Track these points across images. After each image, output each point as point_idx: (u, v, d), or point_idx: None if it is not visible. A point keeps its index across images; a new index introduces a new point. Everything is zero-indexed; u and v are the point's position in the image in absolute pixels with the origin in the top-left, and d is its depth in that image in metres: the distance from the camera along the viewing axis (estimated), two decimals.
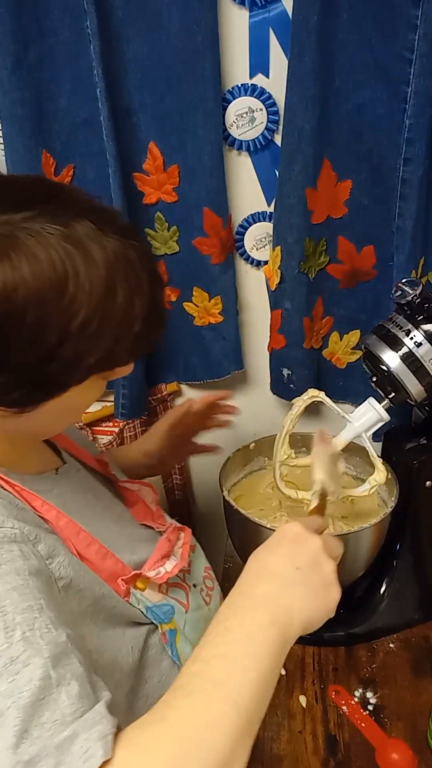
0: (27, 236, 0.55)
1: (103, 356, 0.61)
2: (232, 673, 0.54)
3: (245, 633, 0.57)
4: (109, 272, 0.58)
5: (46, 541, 0.64)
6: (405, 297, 0.88)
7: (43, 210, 0.57)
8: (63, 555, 0.65)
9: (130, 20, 0.98)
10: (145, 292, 0.62)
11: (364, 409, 0.94)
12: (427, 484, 1.00)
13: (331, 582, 0.64)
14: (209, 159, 1.06)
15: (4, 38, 0.95)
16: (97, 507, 0.81)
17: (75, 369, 0.60)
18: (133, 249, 0.61)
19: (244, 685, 0.53)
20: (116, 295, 0.59)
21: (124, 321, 0.61)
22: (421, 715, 0.92)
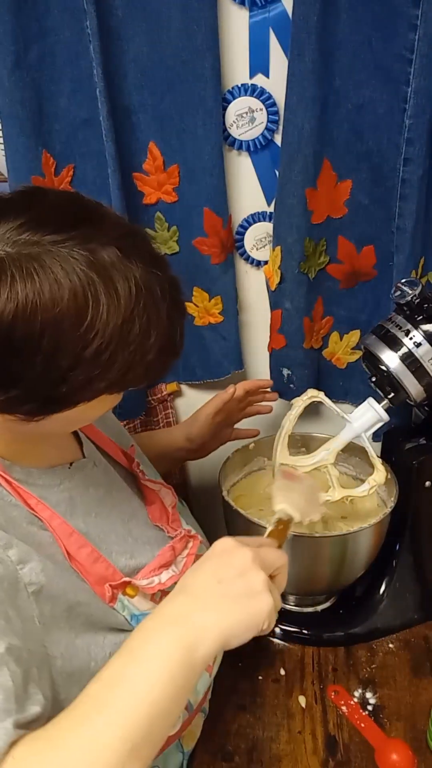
0: (53, 260, 0.56)
1: (114, 382, 0.61)
2: (121, 697, 0.52)
3: (144, 655, 0.55)
4: (129, 303, 0.59)
5: (18, 547, 0.63)
6: (404, 297, 0.88)
7: (74, 234, 0.57)
8: (36, 561, 0.64)
9: (130, 20, 0.98)
10: (164, 324, 0.62)
11: (363, 410, 0.94)
12: (426, 485, 1.00)
13: (258, 591, 0.58)
14: (209, 159, 1.05)
15: (4, 38, 0.95)
16: (106, 504, 0.80)
17: (85, 391, 0.61)
18: (158, 280, 0.62)
19: (132, 710, 0.51)
20: (133, 326, 0.59)
21: (138, 351, 0.61)
22: (420, 715, 0.92)
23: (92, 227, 0.59)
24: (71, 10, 0.96)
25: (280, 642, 1.04)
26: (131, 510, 0.84)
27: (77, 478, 0.78)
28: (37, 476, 0.73)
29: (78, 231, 0.58)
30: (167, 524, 0.85)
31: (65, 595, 0.67)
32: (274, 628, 1.05)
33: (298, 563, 0.98)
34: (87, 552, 0.72)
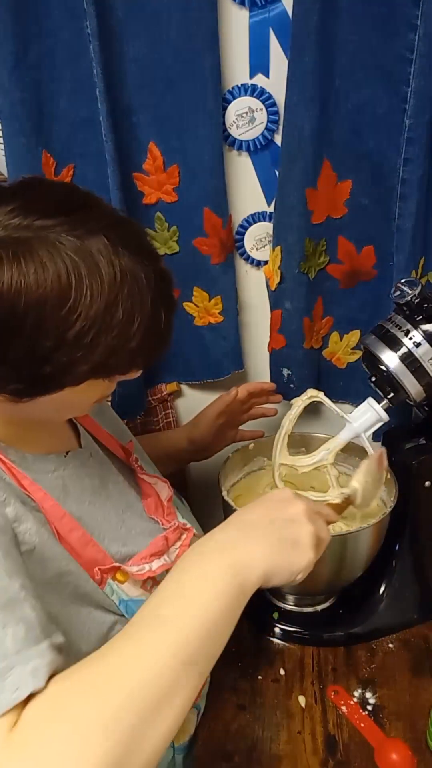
0: (40, 244, 0.58)
1: (97, 365, 0.63)
2: (178, 612, 0.54)
3: (199, 572, 0.57)
4: (112, 289, 0.60)
5: (15, 506, 0.65)
6: (404, 297, 0.88)
7: (63, 221, 0.59)
8: (31, 523, 0.66)
9: (130, 20, 0.98)
10: (147, 312, 0.63)
11: (363, 410, 0.94)
12: (426, 484, 1.00)
13: (304, 544, 0.62)
14: (209, 159, 1.06)
15: (5, 38, 0.95)
16: (101, 494, 0.81)
17: (69, 373, 0.62)
18: (144, 269, 0.63)
19: (190, 624, 0.53)
20: (116, 311, 0.61)
21: (122, 336, 0.62)
22: (420, 715, 0.92)
23: (82, 215, 0.61)
24: (71, 11, 0.96)
25: (279, 642, 1.04)
26: (126, 502, 0.84)
27: (72, 466, 0.79)
28: (32, 461, 0.74)
29: (67, 217, 0.59)
30: (162, 516, 0.86)
31: (56, 562, 0.68)
32: (274, 628, 1.05)
33: None
34: (78, 535, 0.72)
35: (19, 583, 0.57)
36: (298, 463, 0.99)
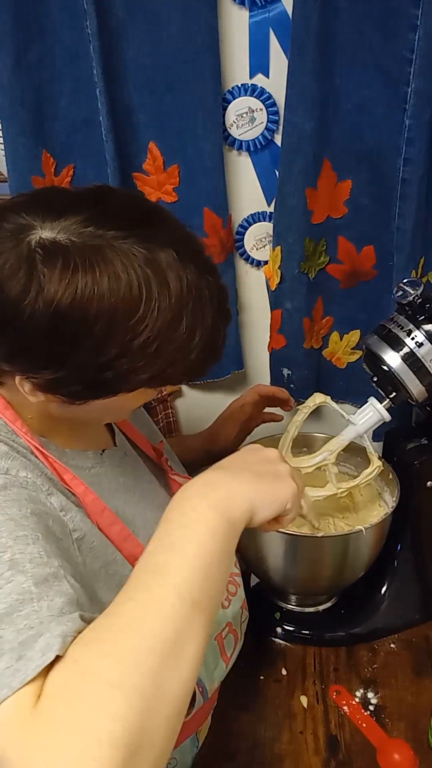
0: (114, 254, 0.59)
1: (156, 375, 0.65)
2: (172, 560, 0.54)
3: (184, 520, 0.57)
4: (179, 302, 0.62)
5: (59, 497, 0.67)
6: (406, 297, 0.88)
7: (135, 233, 0.61)
8: (76, 512, 0.68)
9: (130, 20, 0.98)
10: (209, 326, 0.65)
11: (365, 410, 0.94)
12: (427, 485, 1.00)
13: (284, 476, 0.63)
14: (209, 159, 1.06)
15: (5, 38, 0.95)
16: (135, 493, 0.83)
17: (127, 381, 0.64)
18: (207, 284, 0.65)
19: (186, 569, 0.53)
20: (180, 324, 0.63)
21: (183, 348, 0.64)
22: (422, 715, 0.92)
23: (153, 228, 0.63)
24: (71, 11, 0.96)
25: (281, 642, 1.04)
26: (159, 501, 0.85)
27: (108, 464, 0.81)
28: (71, 457, 0.76)
29: (139, 230, 0.61)
30: None
31: (104, 549, 0.70)
32: (276, 628, 1.05)
33: (299, 563, 0.98)
34: (118, 530, 0.73)
35: (57, 562, 0.58)
36: (300, 464, 0.99)
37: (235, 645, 0.86)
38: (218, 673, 0.82)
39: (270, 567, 0.99)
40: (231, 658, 0.86)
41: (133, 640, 0.49)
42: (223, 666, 0.83)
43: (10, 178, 1.06)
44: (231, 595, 0.86)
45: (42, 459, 0.70)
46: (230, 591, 0.87)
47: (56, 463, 0.71)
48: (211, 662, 0.81)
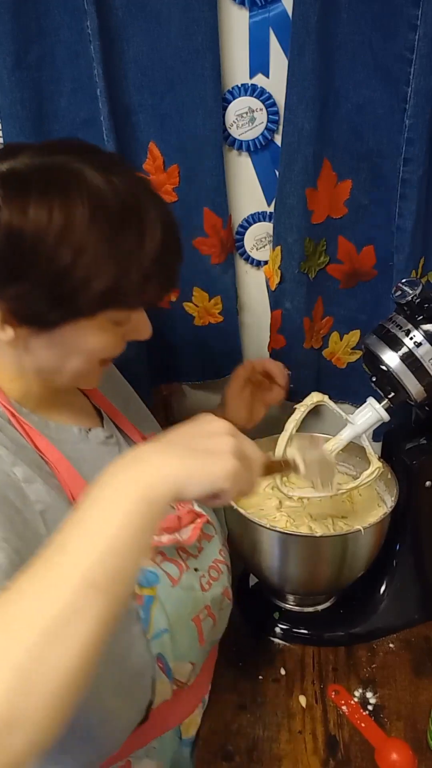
0: (60, 173, 0.67)
1: (112, 286, 0.68)
2: (75, 536, 0.52)
3: (101, 495, 0.55)
4: (123, 212, 0.68)
5: (23, 468, 0.68)
6: (405, 297, 0.88)
7: (86, 157, 0.69)
8: (41, 484, 0.69)
9: (130, 20, 0.98)
10: (156, 239, 0.70)
11: (364, 410, 0.94)
12: (426, 485, 1.00)
13: (223, 452, 0.58)
14: (209, 159, 1.06)
15: (4, 38, 0.95)
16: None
17: (86, 291, 0.68)
18: (153, 203, 0.72)
19: (88, 546, 0.51)
20: (124, 230, 0.68)
21: (132, 257, 0.69)
22: (421, 715, 0.92)
23: (96, 153, 0.72)
24: (71, 10, 0.96)
25: (280, 641, 1.04)
26: None
27: (93, 443, 0.83)
28: (54, 428, 0.78)
29: (81, 155, 0.69)
30: (177, 504, 0.85)
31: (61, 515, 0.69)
32: (275, 628, 1.05)
33: (298, 563, 0.98)
34: (78, 483, 0.74)
35: (1, 534, 0.60)
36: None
37: (212, 627, 0.86)
38: (193, 654, 0.83)
39: (269, 567, 0.99)
40: (209, 641, 0.87)
41: (16, 614, 0.48)
42: (199, 647, 0.83)
43: None
44: (213, 580, 0.87)
45: (16, 425, 0.72)
46: (212, 576, 0.87)
47: (31, 430, 0.73)
48: (184, 643, 0.80)
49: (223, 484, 0.57)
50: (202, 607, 0.83)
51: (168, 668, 0.79)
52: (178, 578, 0.80)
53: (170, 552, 0.81)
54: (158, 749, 0.84)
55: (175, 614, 0.79)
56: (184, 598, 0.80)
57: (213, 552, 0.89)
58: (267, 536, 0.95)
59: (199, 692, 0.90)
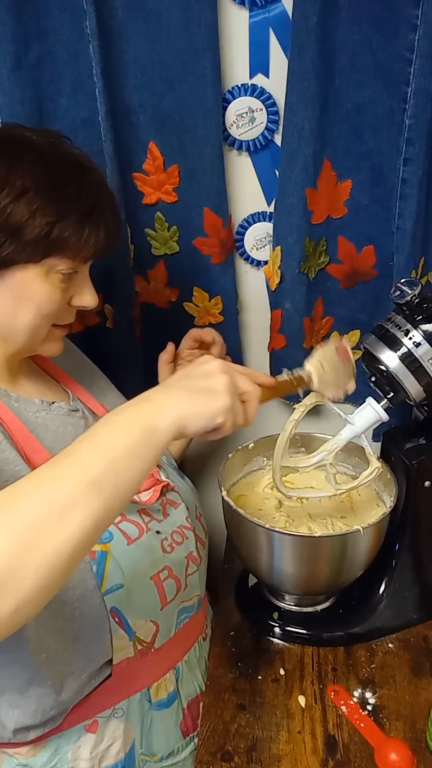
0: (19, 137, 0.79)
1: (51, 229, 0.76)
2: (85, 445, 0.60)
3: (111, 420, 0.62)
4: (66, 163, 0.80)
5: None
6: (404, 297, 0.88)
7: (37, 131, 0.82)
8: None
9: (130, 20, 0.98)
10: (93, 190, 0.80)
11: (363, 410, 0.94)
12: (426, 484, 1.00)
13: (218, 390, 0.65)
14: (209, 159, 1.06)
15: (4, 38, 0.95)
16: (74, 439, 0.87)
17: (29, 229, 0.75)
18: (89, 163, 0.83)
19: (93, 452, 0.59)
20: (69, 183, 0.78)
21: (71, 203, 0.77)
22: (420, 715, 0.92)
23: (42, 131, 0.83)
24: (71, 10, 0.96)
25: (279, 642, 1.04)
26: None
27: (57, 414, 0.89)
28: (15, 399, 0.85)
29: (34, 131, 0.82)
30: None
31: (12, 466, 0.76)
32: (274, 628, 1.05)
33: (297, 563, 0.98)
34: (43, 456, 0.80)
35: None
36: (298, 464, 0.99)
37: (177, 591, 0.90)
38: (154, 613, 0.87)
39: (268, 567, 0.99)
40: (171, 603, 0.89)
41: (23, 493, 0.56)
42: (159, 606, 0.87)
43: None
44: (176, 544, 0.91)
45: None
46: (175, 540, 0.91)
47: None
48: (142, 600, 0.85)
49: (219, 419, 0.65)
50: (161, 567, 0.87)
51: (126, 624, 0.83)
52: (136, 538, 0.86)
53: (130, 512, 0.86)
54: (126, 711, 0.87)
55: (131, 571, 0.83)
56: (142, 556, 0.85)
57: (179, 518, 0.94)
58: (266, 536, 0.95)
59: (169, 657, 0.92)
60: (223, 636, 1.05)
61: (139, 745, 0.90)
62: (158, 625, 0.88)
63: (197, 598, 0.97)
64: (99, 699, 0.85)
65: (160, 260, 1.15)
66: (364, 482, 0.96)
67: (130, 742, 0.89)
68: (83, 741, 0.85)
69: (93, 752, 0.86)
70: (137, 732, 0.89)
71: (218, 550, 1.27)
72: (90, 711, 0.85)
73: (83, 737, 0.85)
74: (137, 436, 0.60)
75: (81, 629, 0.80)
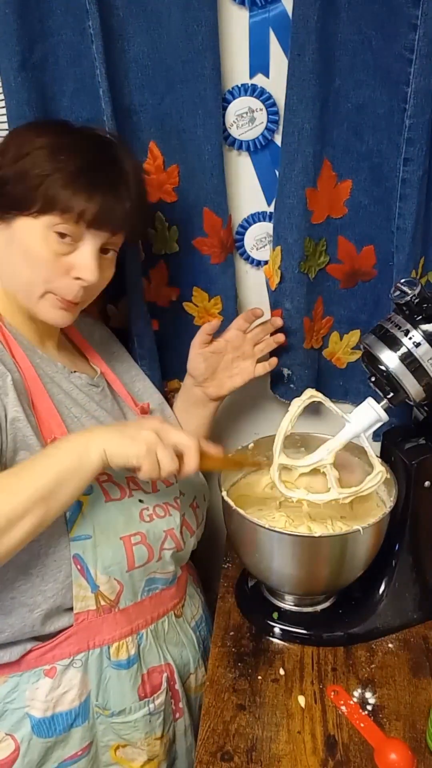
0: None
1: (36, 184, 0.84)
2: (38, 464, 0.80)
3: (52, 452, 0.83)
4: (72, 136, 0.90)
5: (3, 380, 0.85)
6: (403, 297, 0.88)
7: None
8: (14, 397, 0.85)
9: (130, 20, 0.98)
10: (88, 154, 0.88)
11: (362, 410, 0.94)
12: (426, 484, 1.00)
13: (138, 440, 0.83)
14: (209, 159, 1.06)
15: (10, 39, 0.94)
16: (95, 418, 0.97)
17: (25, 181, 0.84)
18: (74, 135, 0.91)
19: (44, 472, 0.79)
20: (67, 149, 0.86)
21: (65, 162, 0.85)
22: (419, 715, 0.92)
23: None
24: (73, 10, 0.96)
25: (279, 642, 1.04)
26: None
27: (76, 384, 0.98)
28: (40, 357, 0.95)
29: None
30: None
31: (23, 438, 0.86)
32: (274, 628, 1.05)
33: (297, 563, 0.98)
34: (47, 407, 0.90)
35: None
36: (297, 463, 0.99)
37: (148, 560, 0.94)
38: (118, 572, 0.92)
39: (268, 567, 0.99)
40: (139, 568, 0.94)
41: None
42: (126, 567, 0.92)
43: None
44: (156, 516, 0.96)
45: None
46: (157, 512, 0.96)
47: (13, 343, 0.90)
48: (108, 555, 0.90)
49: (134, 461, 0.82)
50: (134, 531, 0.93)
51: (89, 574, 0.90)
52: (116, 499, 0.93)
53: (118, 477, 0.94)
54: (85, 663, 0.93)
55: (102, 526, 0.90)
56: (116, 515, 0.92)
57: (167, 497, 0.99)
58: (266, 536, 0.95)
59: (133, 621, 0.97)
60: (223, 636, 1.05)
61: (95, 697, 0.95)
62: (122, 585, 0.93)
63: (172, 575, 1.00)
64: (60, 647, 0.91)
65: (161, 260, 1.15)
66: (369, 487, 0.96)
67: (86, 692, 0.94)
68: (41, 684, 0.91)
69: (49, 695, 0.91)
70: (93, 684, 0.94)
71: (218, 550, 1.27)
72: (51, 657, 0.91)
73: (41, 680, 0.91)
74: (69, 464, 0.80)
75: (44, 567, 0.88)
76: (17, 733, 0.91)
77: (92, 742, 0.96)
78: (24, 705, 0.91)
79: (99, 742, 0.96)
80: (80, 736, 0.94)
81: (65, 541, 0.88)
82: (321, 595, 1.08)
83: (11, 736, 0.91)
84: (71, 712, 0.93)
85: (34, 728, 0.91)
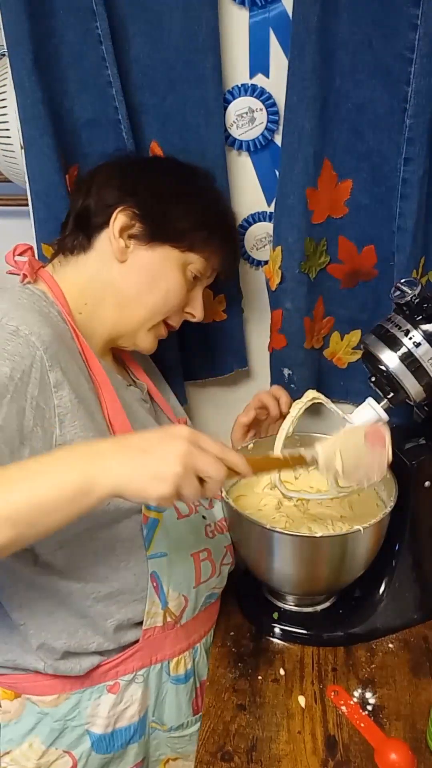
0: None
1: (190, 227, 0.90)
2: (21, 482, 0.65)
3: (56, 463, 0.67)
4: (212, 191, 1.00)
5: (57, 374, 0.77)
6: (404, 297, 0.88)
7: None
8: (68, 392, 0.78)
9: (131, 20, 0.99)
10: (222, 211, 1.00)
11: (363, 410, 0.94)
12: (426, 484, 1.00)
13: (162, 479, 0.65)
14: (211, 159, 1.06)
15: (22, 38, 0.94)
16: (144, 424, 0.94)
17: (180, 222, 0.90)
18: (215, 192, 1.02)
19: (22, 497, 0.64)
20: (206, 201, 0.96)
21: (203, 210, 0.93)
22: (420, 715, 0.92)
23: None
24: (76, 11, 0.96)
25: (279, 642, 1.04)
26: None
27: (133, 397, 0.97)
28: (104, 366, 0.90)
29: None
30: None
31: (84, 427, 0.79)
32: (274, 628, 1.05)
33: (298, 563, 0.98)
34: (120, 415, 0.86)
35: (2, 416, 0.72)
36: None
37: (211, 575, 0.97)
38: (186, 588, 0.93)
39: (268, 567, 0.99)
40: (204, 584, 0.96)
41: None
42: (194, 583, 0.94)
43: (33, 183, 1.03)
44: (218, 532, 0.98)
45: (77, 342, 0.85)
46: (218, 528, 0.99)
47: (88, 351, 0.86)
48: (180, 572, 0.92)
49: (153, 503, 0.68)
50: (203, 547, 0.95)
51: (162, 591, 0.90)
52: (186, 515, 0.93)
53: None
54: (146, 678, 0.93)
55: (176, 543, 0.91)
56: (188, 532, 0.93)
57: (220, 513, 1.01)
58: (266, 536, 0.95)
59: (191, 636, 0.98)
60: (223, 636, 1.05)
61: (152, 713, 0.96)
62: (188, 601, 0.94)
63: (219, 590, 1.02)
64: (126, 662, 0.91)
65: None
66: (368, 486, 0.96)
67: (144, 708, 0.95)
68: (103, 700, 0.91)
69: (111, 711, 0.91)
70: (152, 700, 0.95)
71: None
72: (115, 673, 0.91)
73: (104, 696, 0.91)
74: (68, 493, 0.64)
75: (122, 579, 0.87)
76: (76, 749, 0.91)
77: (145, 758, 0.97)
78: (84, 722, 0.91)
79: (151, 756, 0.97)
80: (136, 751, 0.95)
81: (143, 558, 0.89)
82: (321, 595, 1.08)
83: (69, 753, 0.91)
84: (130, 727, 0.93)
85: (93, 745, 0.91)
